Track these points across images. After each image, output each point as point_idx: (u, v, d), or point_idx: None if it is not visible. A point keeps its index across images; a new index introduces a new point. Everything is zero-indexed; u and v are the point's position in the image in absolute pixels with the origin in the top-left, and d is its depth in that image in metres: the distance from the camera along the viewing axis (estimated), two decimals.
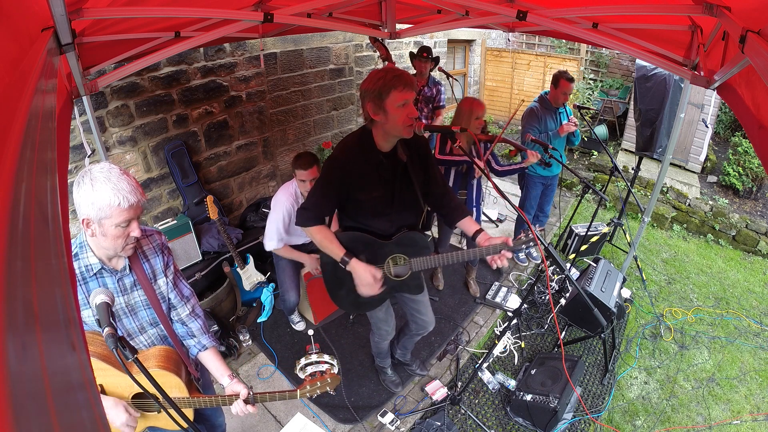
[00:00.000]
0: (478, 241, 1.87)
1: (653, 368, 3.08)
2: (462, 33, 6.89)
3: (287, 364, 3.01)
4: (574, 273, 3.87)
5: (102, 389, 1.40)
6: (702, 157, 5.84)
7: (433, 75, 4.30)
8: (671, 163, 5.78)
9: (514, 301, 3.64)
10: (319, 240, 1.89)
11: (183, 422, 1.16)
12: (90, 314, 1.25)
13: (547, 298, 3.60)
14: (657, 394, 2.89)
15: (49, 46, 0.93)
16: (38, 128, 0.53)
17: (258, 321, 3.39)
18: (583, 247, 4.01)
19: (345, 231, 1.99)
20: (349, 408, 2.68)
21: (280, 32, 3.19)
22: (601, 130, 6.80)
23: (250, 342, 3.21)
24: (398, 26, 3.21)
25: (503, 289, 3.75)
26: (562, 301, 3.51)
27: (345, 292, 2.08)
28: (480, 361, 2.82)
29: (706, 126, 5.43)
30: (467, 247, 3.69)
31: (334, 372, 1.68)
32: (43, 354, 0.32)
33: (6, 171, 0.38)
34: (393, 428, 2.59)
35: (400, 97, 1.63)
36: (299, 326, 3.32)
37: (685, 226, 5.14)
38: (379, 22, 3.15)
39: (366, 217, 1.95)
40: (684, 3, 1.61)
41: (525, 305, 3.24)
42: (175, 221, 3.16)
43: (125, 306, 1.46)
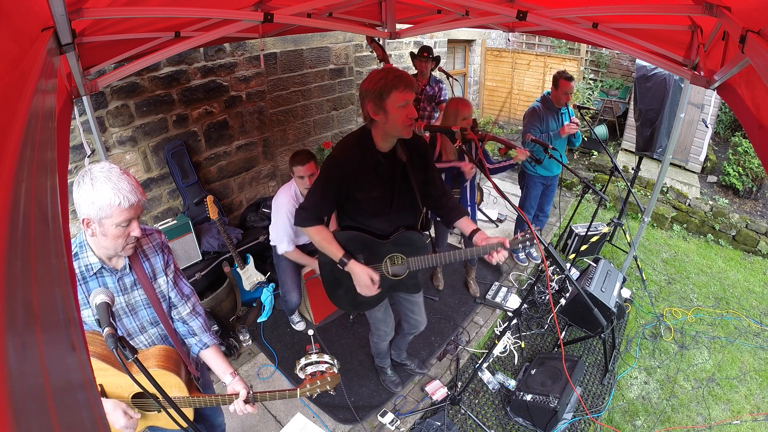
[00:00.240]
0: (474, 241, 1.88)
1: (653, 368, 3.08)
2: (462, 33, 6.89)
3: (287, 364, 3.01)
4: (574, 273, 3.87)
5: (102, 389, 1.40)
6: (702, 157, 5.84)
7: (434, 75, 4.30)
8: (671, 163, 5.78)
9: (514, 301, 3.64)
10: (317, 240, 1.90)
11: (183, 422, 1.16)
12: (90, 314, 1.25)
13: (547, 298, 3.60)
14: (657, 394, 2.89)
15: (49, 46, 0.93)
16: (38, 128, 0.53)
17: (258, 321, 3.39)
18: (583, 247, 4.01)
19: (343, 230, 1.99)
20: (349, 408, 2.68)
21: (280, 32, 3.19)
22: (601, 130, 6.80)
23: (250, 342, 3.21)
24: (398, 26, 3.21)
25: (503, 289, 3.75)
26: (562, 301, 3.51)
27: (343, 292, 2.09)
28: (480, 361, 2.82)
29: (706, 126, 5.43)
30: (464, 246, 3.69)
31: (334, 371, 1.68)
32: (43, 354, 0.32)
33: (6, 171, 0.38)
34: (393, 428, 2.59)
35: (401, 97, 1.63)
36: (299, 326, 3.32)
37: (685, 226, 5.14)
38: (379, 22, 3.15)
39: (364, 217, 1.95)
40: (684, 3, 1.61)
41: (525, 305, 3.24)
42: (175, 221, 3.17)
43: (125, 305, 1.46)
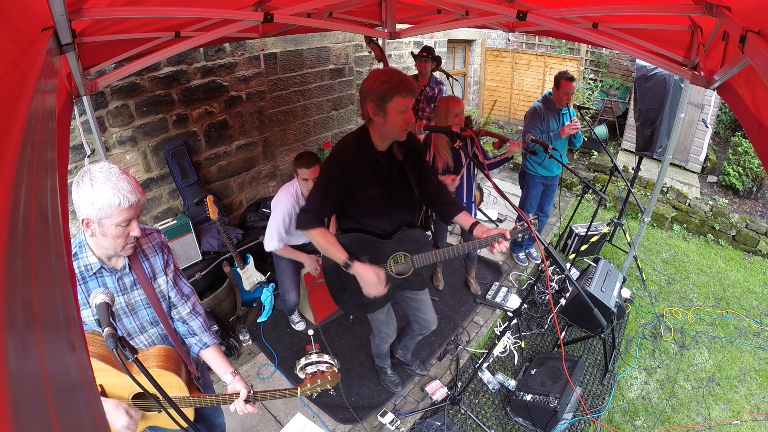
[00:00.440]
0: (475, 233, 1.89)
1: (653, 368, 3.08)
2: (462, 33, 6.89)
3: (287, 364, 3.01)
4: (574, 273, 3.87)
5: (102, 389, 1.40)
6: (702, 157, 5.83)
7: (434, 75, 4.30)
8: (671, 163, 5.78)
9: (514, 301, 3.63)
10: (320, 243, 1.89)
11: (183, 422, 1.16)
12: (90, 314, 1.25)
13: (547, 298, 3.60)
14: (657, 394, 2.89)
15: (49, 46, 0.93)
16: (38, 128, 0.53)
17: (258, 321, 3.39)
18: (583, 247, 4.01)
19: (345, 232, 1.99)
20: (349, 408, 2.68)
21: (280, 32, 3.19)
22: (601, 130, 6.80)
23: (250, 342, 3.21)
24: (398, 26, 3.21)
25: (503, 289, 3.75)
26: (562, 301, 3.51)
27: (349, 295, 2.08)
28: (480, 361, 2.82)
29: (706, 126, 5.43)
30: (464, 241, 3.69)
31: (335, 370, 1.68)
32: (43, 354, 0.32)
33: (6, 171, 0.38)
34: (393, 428, 2.59)
35: (403, 102, 1.65)
36: (299, 326, 3.32)
37: (685, 226, 5.14)
38: (379, 22, 3.15)
39: (366, 217, 1.95)
40: (684, 3, 1.61)
41: (525, 305, 3.24)
42: (175, 221, 3.17)
43: (125, 305, 1.46)
